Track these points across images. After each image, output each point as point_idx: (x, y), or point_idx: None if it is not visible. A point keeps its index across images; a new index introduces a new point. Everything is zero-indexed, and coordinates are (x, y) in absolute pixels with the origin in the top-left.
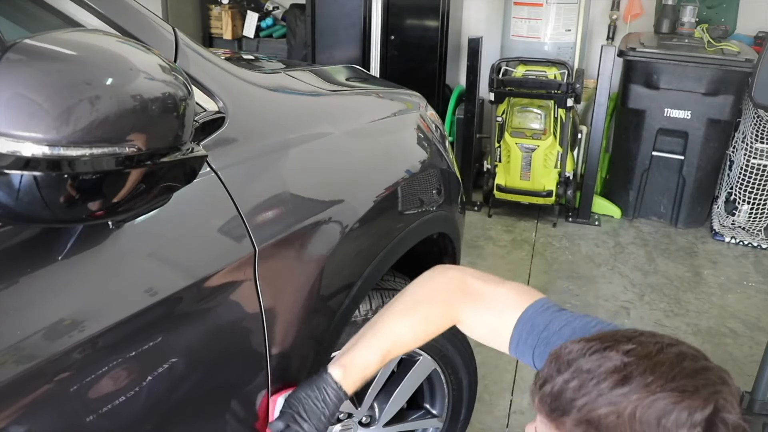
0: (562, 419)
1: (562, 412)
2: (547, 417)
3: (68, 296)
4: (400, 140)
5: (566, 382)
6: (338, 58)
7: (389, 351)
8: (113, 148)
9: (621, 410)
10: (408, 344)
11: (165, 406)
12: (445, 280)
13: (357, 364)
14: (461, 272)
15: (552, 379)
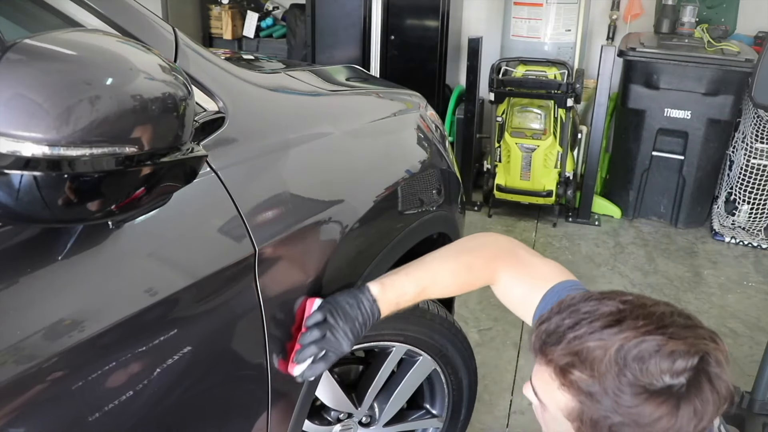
0: (551, 349)
1: (553, 343)
2: (539, 351)
3: (68, 296)
4: (400, 140)
5: (562, 320)
6: (338, 58)
7: (426, 288)
8: (113, 148)
9: (608, 346)
10: (445, 286)
11: (165, 406)
12: (495, 241)
13: (395, 287)
14: (510, 241)
15: (550, 319)
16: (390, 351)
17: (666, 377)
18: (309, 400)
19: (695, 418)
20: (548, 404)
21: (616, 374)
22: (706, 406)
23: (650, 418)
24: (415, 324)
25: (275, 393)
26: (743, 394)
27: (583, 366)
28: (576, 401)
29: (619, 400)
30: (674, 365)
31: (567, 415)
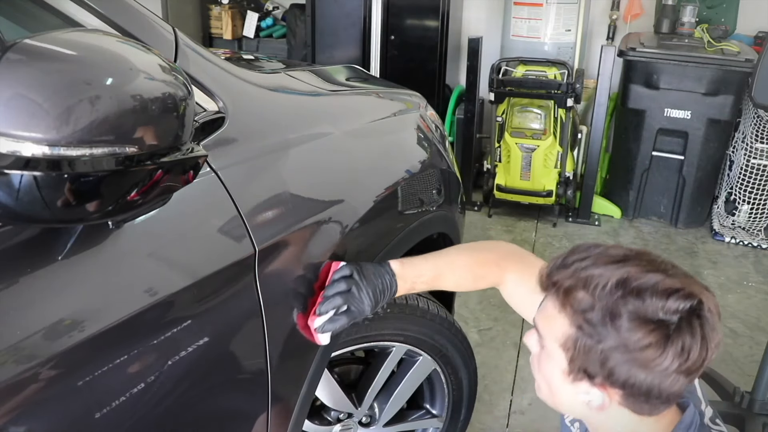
0: (559, 273)
1: (560, 269)
2: (547, 277)
3: (68, 296)
4: (400, 140)
5: (573, 256)
6: (338, 58)
7: (441, 275)
8: (113, 148)
9: (611, 276)
10: (459, 277)
11: (165, 406)
12: (508, 245)
13: (414, 267)
14: (521, 249)
15: (563, 257)
16: (390, 351)
17: (660, 313)
18: (309, 400)
19: (681, 356)
20: (546, 337)
21: (616, 300)
22: (693, 347)
23: (639, 344)
24: (415, 324)
25: (275, 393)
26: (743, 394)
27: (585, 290)
28: (573, 327)
29: (614, 324)
30: (670, 302)
31: (562, 344)
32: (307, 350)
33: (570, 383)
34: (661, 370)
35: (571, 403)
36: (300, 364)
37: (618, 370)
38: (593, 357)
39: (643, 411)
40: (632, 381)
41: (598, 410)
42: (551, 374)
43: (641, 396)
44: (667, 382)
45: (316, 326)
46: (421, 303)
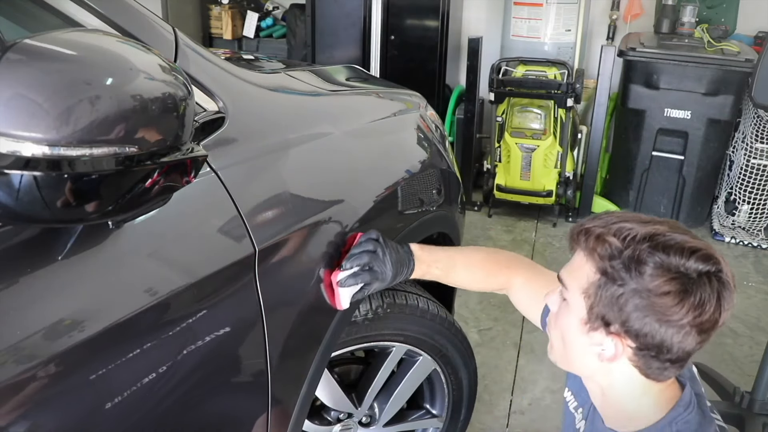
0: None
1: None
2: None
3: (68, 296)
4: (400, 140)
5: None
6: (338, 58)
7: (455, 266)
8: (113, 148)
9: (640, 230)
10: (471, 272)
11: (164, 406)
12: (521, 256)
13: (432, 253)
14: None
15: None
16: (390, 351)
17: (682, 267)
18: (309, 400)
19: (697, 309)
20: (570, 287)
21: (642, 249)
22: (708, 303)
23: (659, 290)
24: (415, 324)
25: (275, 393)
26: (743, 394)
27: (615, 237)
28: (599, 273)
29: (638, 270)
30: (692, 260)
31: (585, 290)
32: (307, 350)
33: (585, 333)
34: (675, 320)
35: (582, 357)
36: (300, 364)
37: (634, 316)
38: (613, 302)
39: (650, 371)
40: (646, 330)
41: (608, 361)
42: (568, 326)
43: (653, 349)
44: (679, 335)
45: (339, 279)
46: (421, 303)
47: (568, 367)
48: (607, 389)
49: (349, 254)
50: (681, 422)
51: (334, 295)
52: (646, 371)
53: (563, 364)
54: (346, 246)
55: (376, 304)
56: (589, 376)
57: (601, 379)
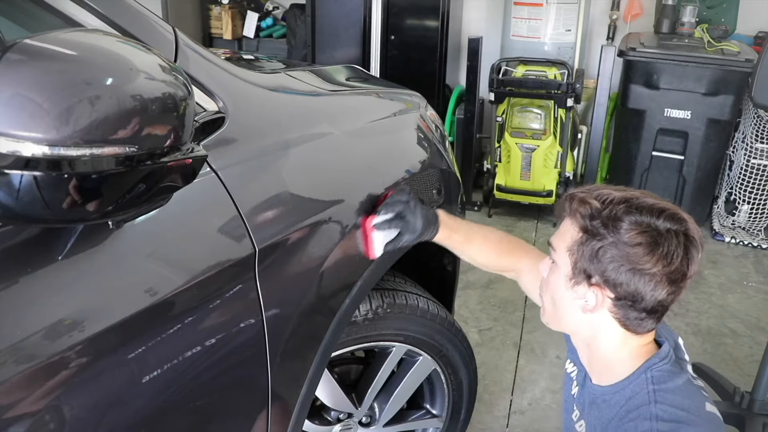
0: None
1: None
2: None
3: (68, 296)
4: (400, 140)
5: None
6: (338, 58)
7: (472, 239)
8: (113, 148)
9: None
10: (486, 248)
11: (164, 406)
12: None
13: (454, 220)
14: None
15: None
16: (390, 351)
17: (653, 224)
18: (309, 400)
19: (665, 259)
20: (558, 248)
21: (619, 209)
22: (676, 255)
23: (632, 241)
24: (415, 324)
25: (275, 393)
26: (743, 394)
27: (596, 200)
28: (581, 232)
29: (615, 226)
30: (662, 219)
31: (569, 248)
32: (307, 350)
33: (571, 288)
34: (647, 269)
35: (568, 312)
36: (300, 364)
37: (611, 267)
38: (593, 255)
39: (629, 322)
40: (621, 279)
41: (591, 312)
42: (556, 285)
43: (629, 299)
44: (651, 284)
45: (375, 222)
46: (421, 303)
47: (557, 325)
48: (591, 343)
49: (385, 203)
50: (655, 370)
51: (368, 243)
52: (625, 322)
53: (553, 323)
54: (382, 199)
55: (376, 304)
56: (575, 332)
57: (586, 333)
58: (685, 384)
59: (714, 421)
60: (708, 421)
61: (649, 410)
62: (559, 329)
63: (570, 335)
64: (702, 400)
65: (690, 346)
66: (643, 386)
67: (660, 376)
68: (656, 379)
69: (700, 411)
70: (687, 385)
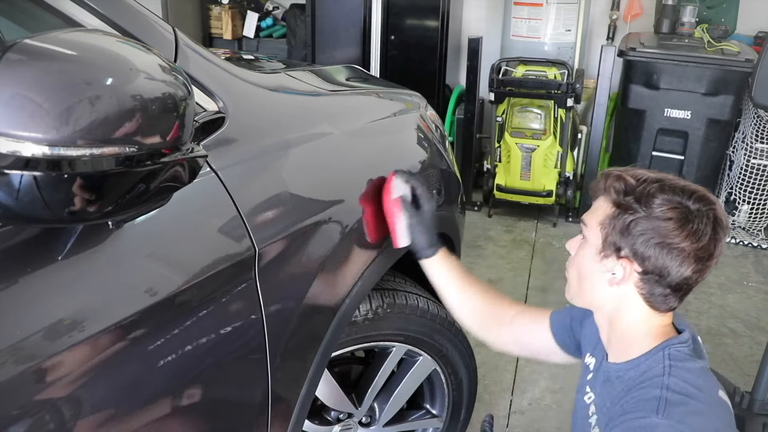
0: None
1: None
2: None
3: (68, 296)
4: (400, 140)
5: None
6: (338, 58)
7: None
8: (113, 148)
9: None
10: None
11: (165, 406)
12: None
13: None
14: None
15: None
16: (390, 351)
17: (684, 203)
18: (309, 400)
19: (694, 236)
20: (589, 223)
21: (653, 188)
22: (705, 234)
23: (663, 216)
24: (415, 324)
25: (275, 393)
26: (743, 394)
27: (632, 177)
28: (614, 207)
29: (647, 202)
30: (693, 199)
31: (601, 222)
32: (307, 350)
33: (599, 262)
34: (675, 243)
35: (594, 285)
36: (300, 364)
37: (641, 240)
38: (624, 228)
39: (654, 299)
40: (649, 253)
41: (617, 285)
42: (584, 259)
43: (655, 273)
44: (678, 260)
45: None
46: (421, 303)
47: (581, 299)
48: (614, 319)
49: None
50: (674, 349)
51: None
52: (650, 298)
53: (577, 297)
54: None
55: (376, 304)
56: (599, 306)
57: (610, 308)
58: (701, 368)
59: (724, 407)
60: (718, 405)
61: (662, 380)
62: (582, 304)
63: (594, 311)
64: (716, 386)
65: None
66: (660, 361)
67: (678, 355)
68: (673, 357)
69: (713, 394)
70: (703, 370)
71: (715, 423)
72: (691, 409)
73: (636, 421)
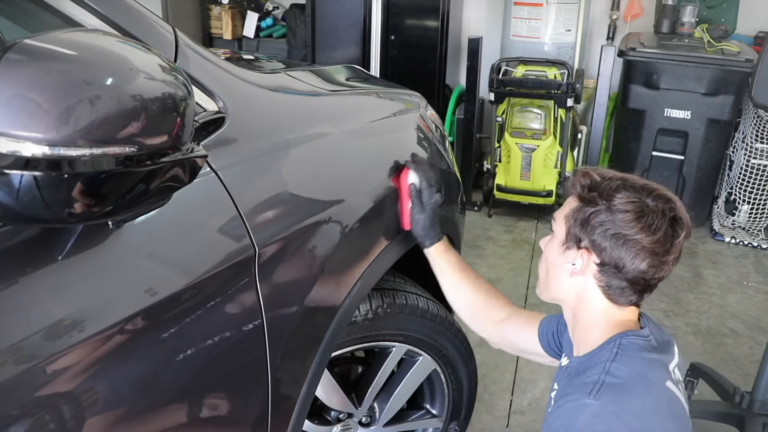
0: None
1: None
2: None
3: (68, 296)
4: (400, 140)
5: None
6: (338, 58)
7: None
8: (113, 148)
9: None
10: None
11: (164, 406)
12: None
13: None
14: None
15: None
16: (390, 351)
17: (644, 199)
18: (309, 400)
19: (648, 230)
20: (557, 218)
21: (616, 185)
22: (660, 229)
23: (621, 209)
24: (415, 324)
25: (275, 393)
26: (743, 394)
27: (597, 175)
28: (579, 202)
29: (609, 197)
30: (652, 197)
31: (566, 216)
32: (307, 350)
33: (562, 253)
34: (630, 235)
35: (558, 277)
36: (300, 364)
37: (599, 231)
38: (585, 221)
39: (612, 291)
40: (606, 244)
41: (578, 276)
42: (551, 251)
43: (611, 265)
44: (632, 252)
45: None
46: (421, 303)
47: (547, 293)
48: (576, 311)
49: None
50: (626, 339)
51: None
52: (608, 290)
53: (545, 291)
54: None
55: (376, 304)
56: (563, 300)
57: (572, 300)
58: (652, 360)
59: (668, 396)
60: (660, 393)
61: (605, 365)
62: (549, 298)
63: (562, 306)
64: (665, 377)
65: (690, 346)
66: (609, 349)
67: (629, 345)
68: (623, 346)
69: (658, 383)
70: (654, 361)
71: (651, 407)
72: (626, 392)
73: (570, 404)
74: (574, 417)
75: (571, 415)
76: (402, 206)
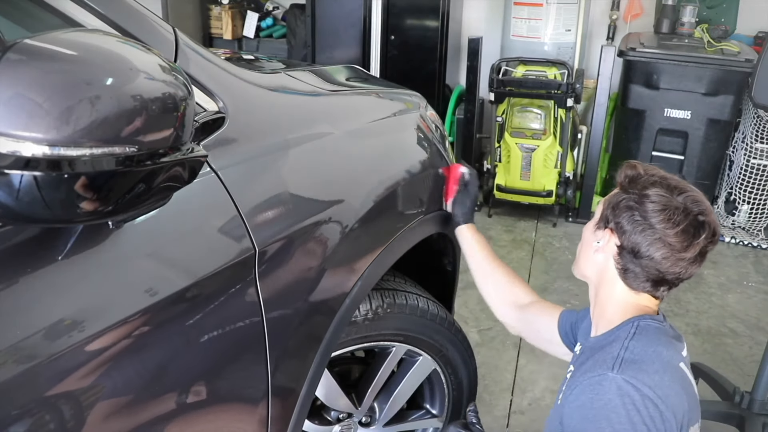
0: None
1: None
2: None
3: (68, 296)
4: (400, 140)
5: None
6: (338, 58)
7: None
8: (113, 148)
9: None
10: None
11: (164, 406)
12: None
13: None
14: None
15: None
16: (390, 351)
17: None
18: (309, 400)
19: (669, 222)
20: (601, 203)
21: (655, 181)
22: (681, 225)
23: (649, 198)
24: (415, 324)
25: (275, 393)
26: (743, 394)
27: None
28: (619, 188)
29: (645, 189)
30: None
31: (604, 201)
32: (307, 350)
33: (593, 233)
34: (651, 223)
35: (587, 254)
36: (300, 364)
37: (625, 214)
38: (616, 205)
39: (627, 274)
40: (627, 227)
41: (599, 253)
42: (587, 229)
43: (629, 250)
44: (649, 239)
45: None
46: (421, 303)
47: (577, 269)
48: (598, 289)
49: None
50: (644, 322)
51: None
52: (624, 274)
53: (576, 268)
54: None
55: (376, 304)
56: (588, 277)
57: (595, 278)
58: (668, 341)
59: (681, 375)
60: (674, 372)
61: (623, 342)
62: (579, 275)
63: (588, 284)
64: (678, 359)
65: (690, 346)
66: (627, 329)
67: (646, 326)
68: (641, 328)
69: (672, 363)
70: (670, 342)
71: (668, 382)
72: (644, 368)
73: (594, 378)
74: (601, 390)
75: (597, 389)
76: (448, 189)
